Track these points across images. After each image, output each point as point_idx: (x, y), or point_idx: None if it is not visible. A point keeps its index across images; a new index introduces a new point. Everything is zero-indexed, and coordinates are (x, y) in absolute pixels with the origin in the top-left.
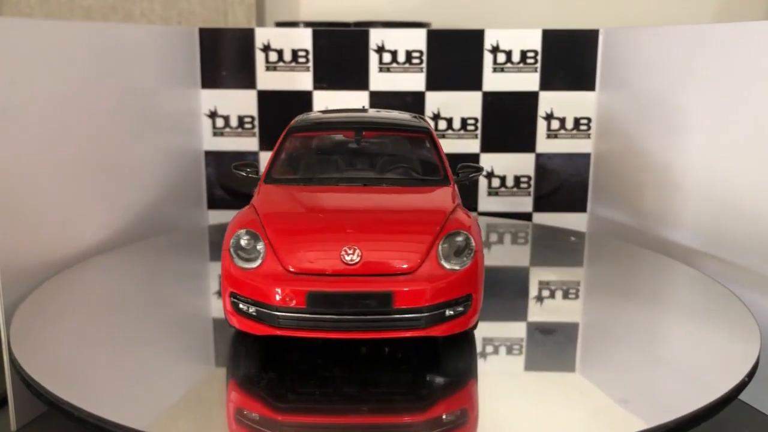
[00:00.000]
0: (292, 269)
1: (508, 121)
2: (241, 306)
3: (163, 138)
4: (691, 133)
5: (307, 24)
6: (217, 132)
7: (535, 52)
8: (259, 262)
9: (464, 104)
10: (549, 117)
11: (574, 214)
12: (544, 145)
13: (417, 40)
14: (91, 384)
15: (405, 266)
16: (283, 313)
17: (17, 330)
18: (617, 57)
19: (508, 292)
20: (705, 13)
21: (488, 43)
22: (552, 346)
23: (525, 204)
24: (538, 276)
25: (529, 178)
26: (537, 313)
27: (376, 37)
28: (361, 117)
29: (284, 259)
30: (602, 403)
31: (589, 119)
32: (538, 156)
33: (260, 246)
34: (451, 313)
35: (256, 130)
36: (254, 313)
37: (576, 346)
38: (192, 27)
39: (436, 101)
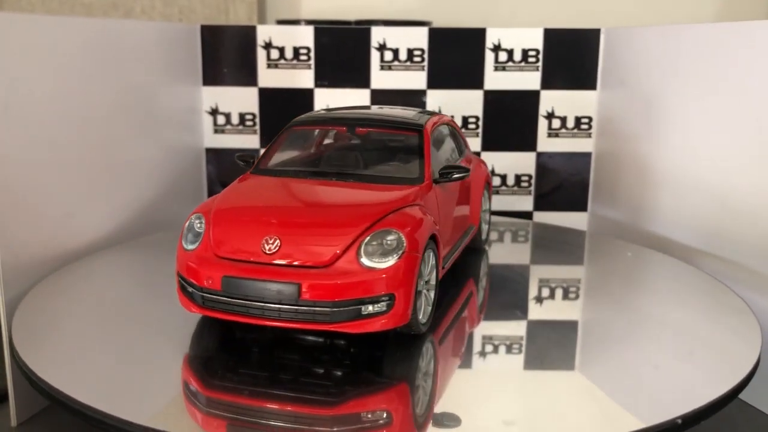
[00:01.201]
0: (218, 254)
1: (509, 120)
2: (183, 285)
3: (164, 135)
4: (691, 132)
5: (308, 22)
6: (218, 129)
7: (537, 51)
8: (197, 244)
9: (465, 103)
10: (550, 116)
11: (575, 213)
12: (544, 144)
13: (419, 38)
14: (93, 379)
15: (319, 260)
16: (206, 294)
17: (19, 325)
18: (618, 56)
19: (508, 291)
20: (706, 13)
21: (490, 42)
22: (552, 345)
23: (526, 203)
24: (538, 274)
25: (530, 176)
26: (537, 311)
27: (377, 35)
28: (356, 114)
29: (214, 244)
30: (602, 401)
31: (590, 118)
32: (539, 155)
33: (203, 230)
34: (369, 311)
35: (258, 127)
36: (190, 293)
37: (576, 345)
38: (194, 24)
39: (438, 99)
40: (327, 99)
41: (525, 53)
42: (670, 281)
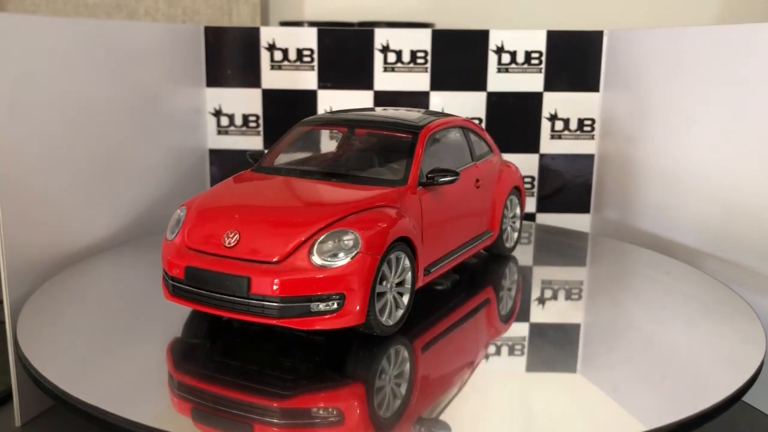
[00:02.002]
0: (187, 245)
1: (512, 122)
2: (163, 273)
3: (167, 136)
4: (694, 134)
5: (311, 24)
6: (221, 130)
7: (540, 53)
8: (174, 235)
9: (468, 104)
10: (553, 118)
11: (578, 214)
12: (547, 145)
13: (422, 40)
14: (97, 379)
15: (271, 255)
16: (174, 283)
17: (24, 326)
18: (621, 58)
19: (510, 292)
20: (708, 15)
21: (493, 44)
22: (554, 347)
23: (528, 204)
24: (540, 276)
25: (533, 178)
26: (539, 313)
27: (380, 36)
28: (357, 115)
29: (186, 236)
30: (604, 404)
31: (593, 120)
32: (542, 156)
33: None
34: (320, 309)
35: (261, 128)
36: (165, 281)
37: (578, 347)
38: (197, 25)
39: (441, 101)
40: (330, 100)
41: (528, 55)
42: (673, 283)
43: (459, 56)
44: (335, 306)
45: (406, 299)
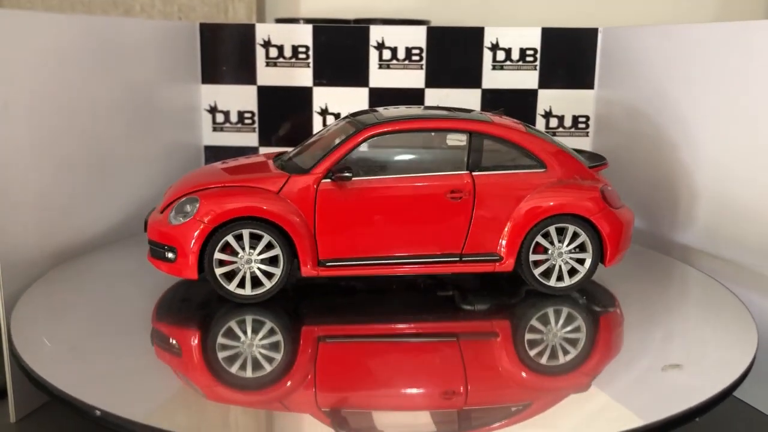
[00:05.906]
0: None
1: None
2: None
3: (163, 132)
4: (689, 132)
5: (307, 21)
6: (216, 127)
7: (535, 50)
8: None
9: (464, 101)
10: (548, 115)
11: None
12: None
13: (417, 37)
14: (91, 375)
15: (161, 210)
16: None
17: (18, 322)
18: (616, 56)
19: (509, 290)
20: (704, 13)
21: (488, 41)
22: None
23: None
24: None
25: None
26: (538, 312)
27: (376, 33)
28: (360, 114)
29: None
30: (599, 399)
31: (587, 117)
32: None
33: None
34: (165, 256)
35: (256, 125)
36: None
37: (576, 346)
38: (193, 22)
39: (436, 98)
40: (325, 97)
41: (523, 52)
42: (668, 280)
43: (454, 53)
44: (171, 256)
45: (275, 279)
